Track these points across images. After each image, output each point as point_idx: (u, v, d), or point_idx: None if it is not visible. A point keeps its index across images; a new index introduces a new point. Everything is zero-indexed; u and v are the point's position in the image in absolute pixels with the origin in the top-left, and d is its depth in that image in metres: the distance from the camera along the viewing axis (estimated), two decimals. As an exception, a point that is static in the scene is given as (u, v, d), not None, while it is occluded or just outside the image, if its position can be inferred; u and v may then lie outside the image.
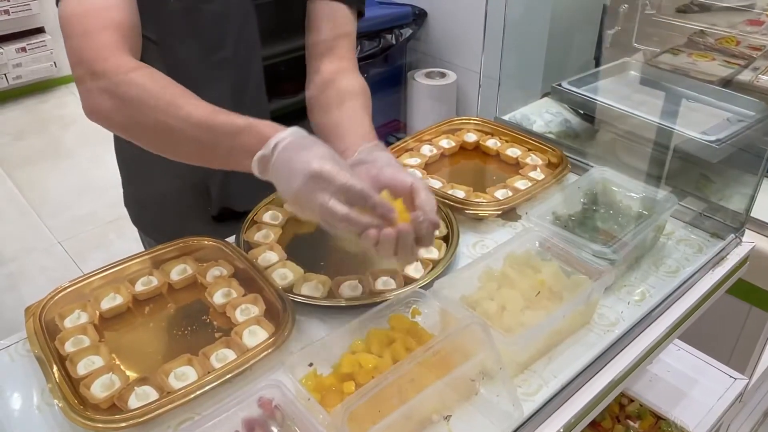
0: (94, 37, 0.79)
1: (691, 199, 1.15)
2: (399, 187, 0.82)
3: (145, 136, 0.83)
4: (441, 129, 1.36)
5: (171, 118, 0.77)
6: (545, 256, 0.93)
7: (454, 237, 1.03)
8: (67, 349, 0.84)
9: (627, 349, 0.88)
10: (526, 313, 0.84)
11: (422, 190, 0.81)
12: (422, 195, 0.80)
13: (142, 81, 0.79)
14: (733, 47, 1.73)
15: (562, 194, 1.06)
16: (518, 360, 0.82)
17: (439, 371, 0.72)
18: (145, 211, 1.23)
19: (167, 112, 0.77)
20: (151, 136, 0.82)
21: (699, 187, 1.29)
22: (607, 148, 1.48)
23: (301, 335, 0.89)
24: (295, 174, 0.73)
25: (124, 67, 0.79)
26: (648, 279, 0.98)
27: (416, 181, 0.82)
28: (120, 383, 0.79)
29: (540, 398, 0.78)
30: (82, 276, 0.94)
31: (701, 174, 1.32)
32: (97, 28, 0.80)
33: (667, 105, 1.51)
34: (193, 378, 0.80)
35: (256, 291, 0.93)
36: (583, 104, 1.50)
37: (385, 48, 2.71)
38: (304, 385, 0.74)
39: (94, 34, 0.79)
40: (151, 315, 0.92)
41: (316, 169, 0.72)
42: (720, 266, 1.04)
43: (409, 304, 0.86)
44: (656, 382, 1.27)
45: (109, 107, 0.79)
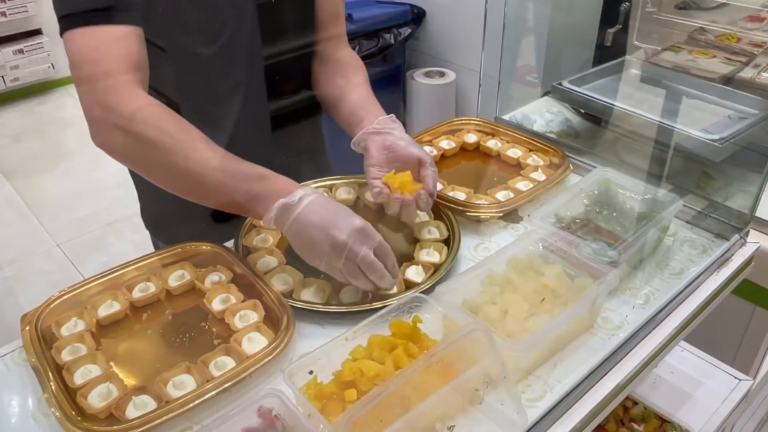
0: (106, 69, 0.79)
1: (694, 198, 1.14)
2: (409, 160, 0.99)
3: (159, 176, 0.85)
4: (441, 130, 1.35)
5: (190, 162, 0.80)
6: (548, 259, 0.92)
7: (455, 240, 1.02)
8: (64, 357, 0.83)
9: (632, 353, 0.87)
10: (529, 317, 0.83)
11: (428, 165, 0.98)
12: (428, 170, 0.97)
13: (158, 121, 0.80)
14: (733, 44, 1.72)
15: (565, 195, 1.05)
16: (522, 366, 0.80)
17: (442, 379, 0.71)
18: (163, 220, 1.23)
19: (186, 157, 0.80)
20: (165, 176, 0.84)
21: (702, 187, 1.28)
22: (609, 148, 1.46)
23: (301, 341, 0.87)
24: (334, 227, 0.80)
25: (137, 103, 0.80)
26: (652, 281, 0.97)
27: (424, 156, 0.98)
28: (118, 392, 0.78)
29: (544, 405, 0.77)
30: (79, 283, 0.93)
31: (704, 173, 1.31)
32: (109, 59, 0.80)
33: (668, 103, 1.50)
34: (191, 386, 0.78)
35: (255, 296, 0.91)
36: (585, 103, 1.48)
37: (384, 48, 2.69)
38: (304, 393, 0.73)
39: (105, 66, 0.79)
40: (148, 322, 0.91)
41: (362, 226, 0.82)
42: (725, 267, 1.02)
43: (410, 309, 0.85)
44: (660, 384, 1.26)
45: (121, 143, 0.81)
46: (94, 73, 0.80)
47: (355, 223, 0.82)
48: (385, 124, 1.02)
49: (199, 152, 0.81)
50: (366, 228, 0.83)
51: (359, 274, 0.84)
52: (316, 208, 0.82)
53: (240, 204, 0.84)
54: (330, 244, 0.81)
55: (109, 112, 0.79)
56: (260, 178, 0.83)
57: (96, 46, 0.80)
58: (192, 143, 0.81)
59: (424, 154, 0.98)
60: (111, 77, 0.80)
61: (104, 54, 0.80)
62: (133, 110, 0.79)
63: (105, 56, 0.80)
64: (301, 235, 0.83)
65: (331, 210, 0.83)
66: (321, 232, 0.81)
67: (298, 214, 0.82)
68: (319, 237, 0.81)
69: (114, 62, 0.80)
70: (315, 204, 0.83)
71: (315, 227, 0.81)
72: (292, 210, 0.82)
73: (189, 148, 0.81)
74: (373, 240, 0.83)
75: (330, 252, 0.81)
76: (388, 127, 1.01)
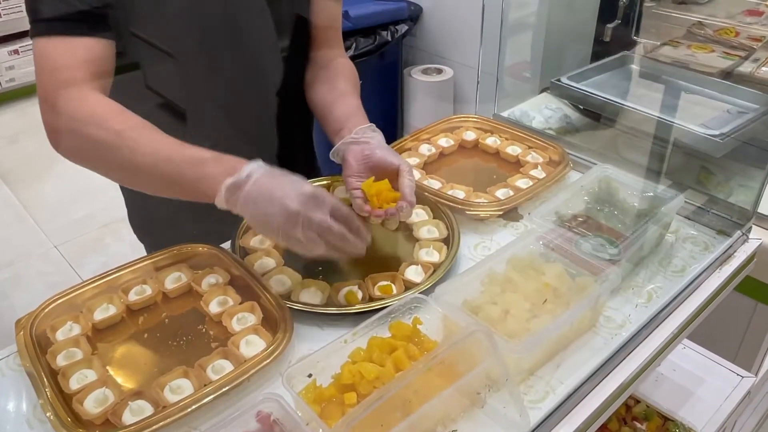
0: (63, 78, 0.81)
1: (695, 195, 1.13)
2: (387, 169, 0.95)
3: (113, 174, 0.87)
4: (439, 127, 1.34)
5: (139, 156, 0.81)
6: (549, 258, 0.91)
7: (454, 239, 1.00)
8: (59, 362, 0.81)
9: (635, 352, 0.86)
10: (530, 317, 0.81)
11: (406, 173, 0.94)
12: (405, 179, 0.93)
13: (105, 121, 0.81)
14: (732, 38, 1.71)
15: (565, 193, 1.04)
16: (523, 366, 0.79)
17: (443, 381, 0.70)
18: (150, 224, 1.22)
19: (135, 152, 0.81)
20: (118, 173, 0.87)
21: (702, 183, 1.27)
22: (609, 144, 1.45)
23: (300, 344, 0.86)
24: (284, 197, 0.79)
25: (86, 107, 0.81)
26: (654, 279, 0.96)
27: (402, 164, 0.95)
28: (114, 398, 0.77)
29: (547, 406, 0.76)
30: (74, 286, 0.92)
31: (704, 169, 1.30)
32: (68, 69, 0.82)
33: (668, 99, 1.49)
34: (189, 391, 0.77)
35: (253, 299, 0.90)
36: (584, 99, 1.47)
37: (381, 45, 2.67)
38: (303, 397, 0.72)
39: (63, 75, 0.81)
40: (145, 325, 0.90)
41: (313, 192, 0.81)
42: (727, 264, 1.01)
43: (410, 310, 0.84)
44: (662, 382, 1.25)
45: (74, 147, 0.83)
46: (50, 81, 0.82)
47: (305, 189, 0.80)
48: (364, 134, 0.98)
49: (147, 146, 0.81)
50: (318, 193, 0.81)
51: (319, 241, 0.81)
52: (264, 182, 0.80)
53: (192, 189, 0.83)
54: (284, 215, 0.79)
55: (59, 117, 0.81)
56: (207, 161, 0.82)
57: (55, 57, 0.81)
58: (140, 138, 0.82)
59: (402, 163, 0.95)
60: (67, 86, 0.81)
61: (63, 64, 0.81)
62: (82, 113, 0.81)
63: (64, 66, 0.81)
64: (254, 212, 0.81)
65: (280, 181, 0.81)
66: (273, 204, 0.79)
67: (248, 191, 0.80)
68: (271, 210, 0.79)
69: (72, 71, 0.81)
70: (263, 178, 0.81)
71: (266, 201, 0.80)
72: (241, 187, 0.80)
73: (137, 143, 0.81)
74: (326, 204, 0.81)
75: (285, 223, 0.79)
76: (366, 136, 0.98)
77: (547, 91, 1.61)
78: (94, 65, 0.84)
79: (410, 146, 1.28)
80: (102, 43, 0.85)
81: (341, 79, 1.10)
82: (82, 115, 0.81)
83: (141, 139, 0.82)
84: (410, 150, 1.27)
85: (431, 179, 1.17)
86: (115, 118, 0.83)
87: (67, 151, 0.85)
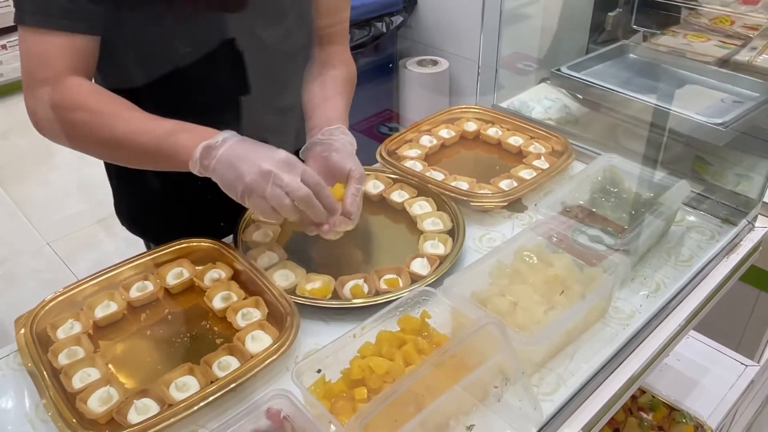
0: (42, 64, 0.84)
1: (699, 184, 1.12)
2: (339, 173, 0.93)
3: (94, 150, 0.91)
4: (440, 118, 1.32)
5: (118, 132, 0.84)
6: (556, 249, 0.90)
7: (459, 231, 0.99)
8: (61, 361, 0.80)
9: (645, 342, 0.85)
10: (539, 309, 0.80)
11: (353, 180, 0.91)
12: (350, 187, 0.91)
13: (83, 102, 0.84)
14: (727, 27, 1.70)
15: (570, 183, 1.03)
16: (534, 359, 0.78)
17: (455, 375, 0.69)
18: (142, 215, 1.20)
19: (114, 128, 0.85)
20: (99, 149, 0.90)
21: (706, 172, 1.27)
22: (609, 134, 1.44)
23: (306, 339, 0.85)
24: (258, 158, 0.81)
25: (67, 90, 0.84)
26: (662, 269, 0.95)
27: (353, 170, 0.92)
28: (118, 396, 0.75)
29: (559, 398, 0.75)
30: (74, 283, 0.90)
31: (707, 158, 1.30)
32: (48, 59, 0.84)
33: (669, 88, 1.48)
34: (195, 388, 0.76)
35: (257, 293, 0.89)
36: (584, 89, 1.46)
37: (376, 37, 2.65)
38: (312, 392, 0.71)
39: (42, 62, 0.84)
40: (147, 322, 0.88)
41: (286, 157, 0.82)
42: (734, 253, 1.01)
43: (417, 303, 0.83)
44: (667, 371, 1.25)
45: (56, 129, 0.86)
46: (31, 69, 0.85)
47: (279, 154, 0.83)
48: (330, 135, 0.96)
49: (125, 122, 0.85)
50: (291, 158, 0.83)
51: (285, 199, 0.82)
52: (238, 146, 0.83)
53: (169, 157, 0.85)
54: (256, 172, 0.81)
55: (39, 102, 0.85)
56: (182, 130, 0.85)
57: (36, 48, 0.84)
58: (118, 114, 0.85)
59: (354, 169, 0.92)
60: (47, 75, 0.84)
61: (43, 55, 0.84)
62: (60, 97, 0.84)
63: (44, 57, 0.84)
64: (225, 172, 0.82)
65: (255, 146, 0.84)
66: (246, 164, 0.81)
67: (222, 153, 0.82)
68: (244, 169, 0.81)
69: (51, 63, 0.84)
70: (238, 143, 0.83)
71: (240, 160, 0.82)
72: (216, 149, 0.82)
73: (115, 119, 0.85)
74: (298, 168, 0.83)
75: (256, 179, 0.81)
76: (331, 138, 0.96)
77: (546, 81, 1.60)
78: (74, 59, 0.85)
79: (411, 138, 1.26)
80: (83, 39, 0.86)
81: (332, 80, 1.06)
82: (60, 98, 0.84)
83: (120, 115, 0.85)
84: (411, 141, 1.25)
85: (433, 170, 1.15)
86: (92, 98, 0.85)
87: (48, 133, 0.88)
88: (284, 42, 1.03)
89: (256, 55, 1.00)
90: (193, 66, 0.96)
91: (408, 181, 1.12)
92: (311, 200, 0.83)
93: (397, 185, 1.12)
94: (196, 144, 0.82)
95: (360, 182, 0.92)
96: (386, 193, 1.10)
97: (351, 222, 0.91)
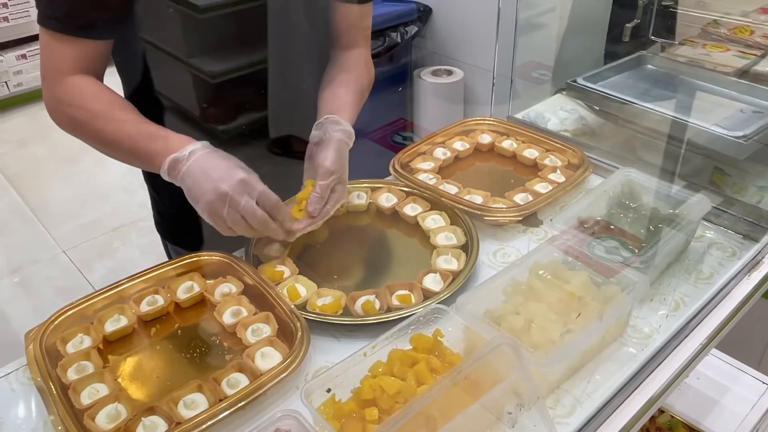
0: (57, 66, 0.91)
1: (718, 198, 1.09)
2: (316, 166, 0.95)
3: (92, 145, 0.96)
4: (454, 130, 1.31)
5: (108, 132, 0.91)
6: (573, 266, 0.88)
7: (473, 246, 0.98)
8: (70, 376, 0.79)
9: (664, 363, 0.82)
10: (555, 328, 0.78)
11: (318, 181, 0.94)
12: (314, 189, 0.94)
13: (83, 101, 0.91)
14: (747, 37, 1.67)
15: (587, 198, 1.01)
16: (550, 380, 0.76)
17: (468, 397, 0.67)
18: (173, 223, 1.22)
19: (102, 129, 0.91)
20: (97, 145, 0.95)
21: (725, 186, 1.24)
22: (626, 146, 1.42)
23: (316, 356, 0.84)
24: (218, 178, 0.85)
25: (70, 88, 0.91)
26: (681, 287, 0.93)
27: (322, 167, 0.94)
28: (126, 413, 0.74)
29: (575, 421, 0.73)
30: (84, 297, 0.89)
31: (727, 171, 1.27)
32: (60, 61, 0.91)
33: (687, 99, 1.45)
34: (203, 406, 0.75)
35: (268, 308, 0.88)
36: (600, 100, 1.44)
37: (391, 47, 2.64)
38: (322, 413, 0.70)
39: (56, 64, 0.91)
40: (157, 337, 0.87)
41: (244, 177, 0.86)
42: (756, 270, 0.98)
43: (430, 321, 0.81)
44: (686, 391, 1.22)
45: (62, 122, 0.94)
46: (48, 67, 0.92)
47: (238, 174, 0.86)
48: (320, 128, 0.98)
49: (115, 123, 0.91)
50: (249, 180, 0.87)
51: (241, 221, 0.86)
52: (203, 162, 0.87)
53: (146, 162, 0.91)
54: (214, 194, 0.85)
55: (52, 97, 0.93)
56: (158, 138, 0.90)
57: (53, 49, 0.91)
58: (109, 115, 0.91)
59: (322, 161, 0.94)
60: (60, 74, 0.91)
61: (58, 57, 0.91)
62: (67, 95, 0.91)
63: (58, 59, 0.91)
64: (190, 186, 0.87)
65: (218, 163, 0.87)
66: (207, 183, 0.86)
67: (188, 167, 0.87)
68: (205, 188, 0.86)
69: (65, 64, 0.91)
70: (203, 158, 0.87)
71: (203, 178, 0.86)
72: (182, 163, 0.87)
73: (107, 120, 0.91)
74: (255, 190, 0.87)
75: (215, 201, 0.85)
76: (321, 130, 0.98)
77: (562, 92, 1.58)
78: (82, 61, 0.92)
79: (425, 150, 1.25)
80: (93, 44, 0.91)
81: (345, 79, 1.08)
82: (67, 96, 0.92)
83: (112, 116, 0.92)
84: (425, 154, 1.24)
85: (447, 184, 1.14)
86: (93, 98, 0.92)
87: (59, 124, 0.95)
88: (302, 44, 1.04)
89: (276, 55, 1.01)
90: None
91: (421, 195, 1.10)
92: (266, 223, 0.88)
93: (410, 198, 1.10)
94: (166, 155, 0.88)
95: (324, 178, 0.94)
96: (399, 206, 1.09)
97: (314, 221, 0.95)
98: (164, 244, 1.26)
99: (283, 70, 1.04)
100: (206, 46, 1.02)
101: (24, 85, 3.83)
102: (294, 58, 1.05)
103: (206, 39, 1.02)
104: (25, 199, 3.15)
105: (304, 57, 1.07)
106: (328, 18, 1.08)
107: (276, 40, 1.00)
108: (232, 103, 1.03)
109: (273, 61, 1.01)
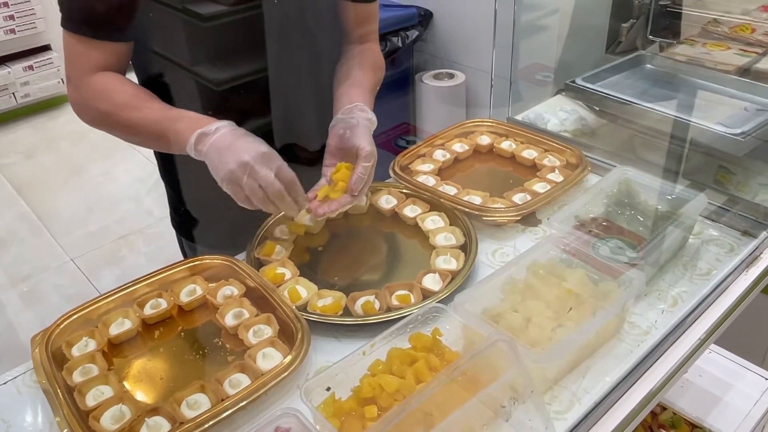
0: (79, 66, 0.96)
1: (717, 195, 1.10)
2: (350, 152, 0.99)
3: (120, 135, 1.01)
4: (453, 132, 1.32)
5: (135, 121, 0.96)
6: (570, 263, 0.89)
7: (472, 246, 0.99)
8: (75, 379, 0.81)
9: (662, 359, 0.83)
10: (552, 325, 0.79)
11: (361, 159, 0.97)
12: (358, 166, 0.97)
13: (111, 96, 0.96)
14: (748, 35, 1.68)
15: (584, 197, 1.02)
16: (547, 376, 0.77)
17: (465, 393, 0.68)
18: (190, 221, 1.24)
19: (129, 118, 0.96)
20: (124, 135, 1.00)
21: (723, 183, 1.24)
22: (626, 146, 1.43)
23: (317, 356, 0.85)
24: (241, 150, 0.89)
25: (96, 85, 0.96)
26: (679, 283, 0.93)
27: (361, 147, 0.97)
28: (131, 414, 0.75)
29: (572, 417, 0.74)
30: (89, 301, 0.91)
31: (725, 168, 1.27)
32: (82, 61, 0.96)
33: (686, 98, 1.46)
34: (206, 406, 0.76)
35: (269, 310, 0.89)
36: (599, 100, 1.45)
37: (392, 51, 2.66)
38: (322, 411, 0.71)
39: (79, 64, 0.96)
40: (161, 339, 0.89)
41: (266, 151, 0.90)
42: (754, 266, 0.98)
43: (429, 320, 0.82)
44: (688, 388, 1.22)
45: (89, 117, 0.99)
46: (72, 68, 0.97)
47: (260, 148, 0.90)
48: (348, 113, 1.02)
49: (141, 111, 0.96)
50: (270, 153, 0.91)
51: (258, 191, 0.89)
52: (228, 136, 0.91)
53: (174, 142, 0.94)
54: (236, 163, 0.88)
55: (77, 95, 0.98)
56: (184, 118, 0.94)
57: (76, 51, 0.95)
58: (136, 104, 0.96)
59: (364, 145, 0.97)
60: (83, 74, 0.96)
61: (82, 58, 0.96)
62: (92, 91, 0.96)
63: (82, 60, 0.96)
64: (214, 158, 0.90)
65: (242, 138, 0.91)
66: (230, 153, 0.89)
67: (213, 141, 0.91)
68: (228, 158, 0.89)
69: (88, 65, 0.96)
70: (228, 134, 0.91)
71: (226, 150, 0.90)
72: (208, 137, 0.91)
73: (133, 109, 0.96)
74: (274, 163, 0.91)
75: (236, 169, 0.88)
76: (349, 116, 1.01)
77: (561, 93, 1.58)
78: (109, 63, 0.97)
79: (425, 152, 1.26)
80: (118, 45, 0.96)
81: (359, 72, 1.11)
82: (93, 93, 0.96)
83: (136, 106, 0.96)
84: (425, 156, 1.25)
85: (447, 185, 1.15)
86: (118, 91, 0.96)
87: (85, 120, 0.99)
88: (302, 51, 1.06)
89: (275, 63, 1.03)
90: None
91: (420, 196, 1.11)
92: (282, 195, 0.90)
93: (409, 200, 1.11)
94: (193, 131, 0.91)
95: (368, 160, 0.97)
96: (399, 208, 1.10)
97: (355, 199, 0.98)
98: (179, 240, 1.29)
99: (284, 78, 1.06)
100: (211, 54, 1.03)
101: (31, 96, 3.87)
102: (295, 65, 1.06)
103: (211, 47, 1.03)
104: (34, 209, 3.18)
105: (305, 64, 1.08)
106: (336, 18, 1.11)
107: (274, 48, 1.01)
108: (236, 110, 1.04)
109: (273, 68, 1.03)
